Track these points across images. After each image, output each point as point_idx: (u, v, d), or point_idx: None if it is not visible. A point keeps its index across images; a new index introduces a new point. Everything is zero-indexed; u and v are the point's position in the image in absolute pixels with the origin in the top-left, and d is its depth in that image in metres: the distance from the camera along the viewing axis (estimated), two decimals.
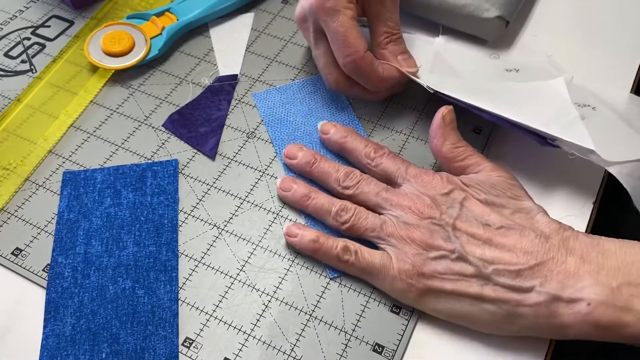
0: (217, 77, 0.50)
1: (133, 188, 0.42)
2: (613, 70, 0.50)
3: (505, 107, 0.41)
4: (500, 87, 0.46)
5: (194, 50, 0.52)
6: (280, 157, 0.44)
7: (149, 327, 0.36)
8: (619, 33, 0.53)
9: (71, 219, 0.41)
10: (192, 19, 0.52)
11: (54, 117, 0.47)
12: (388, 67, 0.45)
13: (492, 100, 0.42)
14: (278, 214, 0.42)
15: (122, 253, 0.39)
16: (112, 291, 0.38)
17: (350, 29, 0.42)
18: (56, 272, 0.38)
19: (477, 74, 0.48)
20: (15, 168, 0.44)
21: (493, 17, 0.49)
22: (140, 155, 0.45)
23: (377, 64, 0.44)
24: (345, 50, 0.42)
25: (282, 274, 0.39)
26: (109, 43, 0.50)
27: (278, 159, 0.44)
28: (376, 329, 0.36)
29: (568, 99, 0.43)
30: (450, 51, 0.50)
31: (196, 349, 0.36)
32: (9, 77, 0.50)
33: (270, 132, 0.46)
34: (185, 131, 0.46)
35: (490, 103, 0.42)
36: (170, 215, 0.41)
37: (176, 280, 0.38)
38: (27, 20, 0.55)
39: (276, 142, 0.45)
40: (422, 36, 0.51)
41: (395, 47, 0.46)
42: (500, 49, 0.51)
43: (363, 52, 0.42)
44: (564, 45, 0.52)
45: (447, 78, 0.47)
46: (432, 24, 0.52)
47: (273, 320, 0.37)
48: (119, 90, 0.49)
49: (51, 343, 0.36)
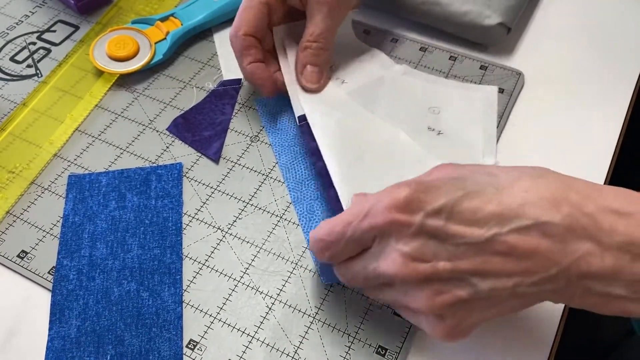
0: (220, 81, 0.50)
1: (138, 191, 0.43)
2: (615, 74, 0.50)
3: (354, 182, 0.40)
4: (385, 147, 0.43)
5: (198, 55, 0.52)
6: (280, 164, 0.44)
7: (153, 329, 0.36)
8: (620, 37, 0.53)
9: (76, 222, 0.41)
10: (196, 23, 0.53)
11: (60, 121, 0.47)
12: (262, 66, 0.45)
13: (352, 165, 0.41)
14: (281, 217, 0.42)
15: (127, 256, 0.39)
16: (117, 293, 0.38)
17: (251, 8, 0.44)
18: (61, 274, 0.39)
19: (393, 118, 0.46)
20: (21, 171, 0.44)
21: (494, 24, 0.49)
22: (145, 158, 0.45)
23: (249, 54, 0.44)
24: (233, 23, 0.44)
25: (286, 276, 0.39)
26: (114, 48, 0.50)
27: (279, 165, 0.45)
28: (379, 331, 0.36)
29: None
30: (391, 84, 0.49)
31: (200, 351, 0.36)
32: (15, 81, 0.51)
33: (270, 138, 0.46)
34: (189, 135, 0.46)
35: (344, 168, 0.41)
36: (175, 218, 0.41)
37: (180, 283, 0.38)
38: (32, 25, 0.55)
39: (276, 148, 0.45)
40: (379, 62, 0.50)
41: (309, 56, 0.45)
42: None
43: (240, 33, 0.43)
44: (565, 51, 0.52)
45: (330, 119, 0.44)
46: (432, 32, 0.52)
47: (276, 323, 0.37)
48: (123, 94, 0.50)
49: (57, 345, 0.36)
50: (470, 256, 0.28)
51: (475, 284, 0.29)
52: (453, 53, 0.52)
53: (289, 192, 0.43)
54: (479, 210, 0.28)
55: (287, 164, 0.45)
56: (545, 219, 0.27)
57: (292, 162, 0.45)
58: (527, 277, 0.28)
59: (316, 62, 0.45)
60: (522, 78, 0.50)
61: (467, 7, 0.50)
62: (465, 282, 0.29)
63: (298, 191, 0.43)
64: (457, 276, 0.29)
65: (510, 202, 0.28)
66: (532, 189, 0.29)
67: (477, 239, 0.28)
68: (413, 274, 0.29)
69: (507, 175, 0.30)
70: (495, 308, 0.29)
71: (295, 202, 0.43)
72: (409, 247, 0.29)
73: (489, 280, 0.28)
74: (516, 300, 0.29)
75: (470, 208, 0.29)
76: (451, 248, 0.29)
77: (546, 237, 0.28)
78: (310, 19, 0.45)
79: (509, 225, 0.28)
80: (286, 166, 0.45)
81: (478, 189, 0.29)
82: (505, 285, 0.28)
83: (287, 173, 0.44)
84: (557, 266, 0.28)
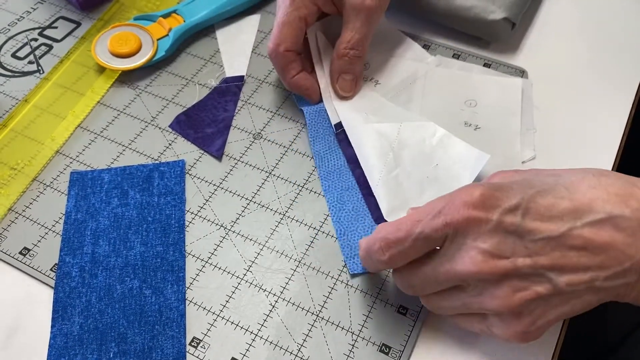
0: (223, 78, 0.50)
1: (140, 188, 0.42)
2: (619, 72, 0.50)
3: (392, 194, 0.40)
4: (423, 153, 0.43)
5: (200, 52, 0.52)
6: (320, 173, 0.43)
7: (156, 326, 0.36)
8: (624, 34, 0.53)
9: (79, 219, 0.41)
10: (198, 20, 0.52)
11: (61, 118, 0.47)
12: (304, 76, 0.46)
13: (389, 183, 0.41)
14: (285, 214, 0.42)
15: (130, 253, 0.39)
16: (120, 291, 0.38)
17: (289, 23, 0.43)
18: (64, 271, 0.39)
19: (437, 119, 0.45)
20: (23, 168, 0.44)
21: (499, 19, 0.49)
22: (147, 155, 0.45)
23: (292, 68, 0.45)
24: (271, 39, 0.44)
25: (289, 274, 0.39)
26: (116, 44, 0.50)
27: (317, 174, 0.43)
28: (383, 329, 0.36)
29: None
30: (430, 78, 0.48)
31: (203, 349, 0.36)
32: (17, 77, 0.50)
33: (313, 146, 0.45)
34: (192, 132, 0.46)
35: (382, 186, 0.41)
36: (178, 215, 0.41)
37: (183, 280, 0.38)
38: (34, 21, 0.55)
39: (311, 134, 0.45)
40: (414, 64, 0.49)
41: (346, 64, 0.45)
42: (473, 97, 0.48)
43: (281, 49, 0.44)
44: (568, 48, 0.52)
45: (366, 125, 0.44)
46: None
47: (280, 321, 0.37)
48: (126, 91, 0.49)
49: (59, 342, 0.36)
50: (548, 251, 0.29)
51: (553, 279, 0.29)
52: (456, 50, 0.51)
53: (320, 181, 0.43)
54: (553, 207, 0.29)
55: (320, 153, 0.44)
56: (617, 213, 0.28)
57: (326, 151, 0.44)
58: (602, 271, 0.28)
59: (352, 71, 0.46)
60: (526, 76, 0.49)
61: (471, 1, 0.50)
62: (544, 278, 0.29)
63: (329, 180, 0.43)
64: (536, 272, 0.29)
65: (581, 198, 0.29)
66: (598, 186, 0.29)
67: (553, 234, 0.29)
68: (494, 271, 0.29)
69: (571, 175, 0.31)
70: (570, 304, 0.30)
71: (326, 191, 0.43)
72: (488, 244, 0.29)
73: (567, 275, 0.29)
74: (592, 295, 0.29)
75: (545, 204, 0.29)
76: (529, 244, 0.29)
77: (619, 230, 0.28)
78: (347, 25, 0.44)
79: (583, 219, 0.28)
80: (319, 154, 0.44)
81: (548, 187, 0.30)
82: (581, 280, 0.28)
83: (320, 161, 0.44)
84: (630, 260, 0.28)
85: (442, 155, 0.42)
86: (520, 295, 0.29)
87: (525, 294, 0.29)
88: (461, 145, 0.42)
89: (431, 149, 0.42)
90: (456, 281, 0.31)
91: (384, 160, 0.42)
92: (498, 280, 0.29)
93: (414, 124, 0.44)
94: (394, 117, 0.45)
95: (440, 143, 0.43)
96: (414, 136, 0.43)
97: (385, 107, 0.46)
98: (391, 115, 0.45)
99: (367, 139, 0.43)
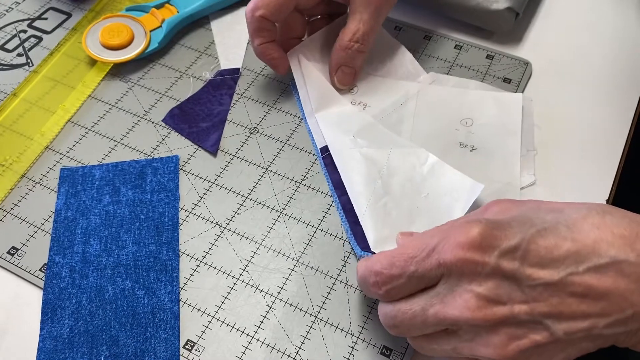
0: (218, 70, 0.49)
1: (132, 185, 0.41)
2: (625, 64, 0.48)
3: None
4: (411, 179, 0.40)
5: (194, 43, 0.51)
6: (332, 192, 0.41)
7: (149, 329, 0.35)
8: (631, 27, 0.51)
9: (69, 217, 0.40)
10: (192, 11, 0.51)
11: (51, 112, 0.46)
12: (273, 46, 0.44)
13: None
14: (282, 212, 0.40)
15: (122, 252, 0.38)
16: (111, 292, 0.37)
17: None
18: (53, 272, 0.37)
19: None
20: (11, 164, 0.43)
21: (502, 8, 0.48)
22: (140, 151, 0.44)
23: (262, 35, 0.43)
24: (252, 0, 0.43)
25: (287, 274, 0.38)
26: (108, 36, 0.48)
27: (329, 187, 0.43)
28: (384, 331, 0.35)
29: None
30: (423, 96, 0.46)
31: (198, 352, 0.35)
32: (5, 70, 0.49)
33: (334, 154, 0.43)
34: (186, 126, 0.45)
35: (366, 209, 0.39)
36: (171, 213, 0.40)
37: (177, 281, 0.37)
38: (23, 12, 0.53)
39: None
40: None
41: (347, 57, 0.44)
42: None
43: (257, 14, 0.42)
44: (573, 39, 0.51)
45: (353, 149, 0.41)
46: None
47: (277, 322, 0.36)
48: (117, 84, 0.48)
49: (48, 345, 0.35)
50: (547, 298, 0.27)
51: (550, 327, 0.27)
52: (458, 42, 0.50)
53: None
54: (554, 249, 0.27)
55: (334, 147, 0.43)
56: (622, 258, 0.26)
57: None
58: (602, 319, 0.27)
59: (353, 64, 0.44)
60: (530, 68, 0.48)
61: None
62: (541, 325, 0.27)
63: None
64: (533, 319, 0.27)
65: (584, 239, 0.27)
66: (602, 226, 0.27)
67: (553, 279, 0.27)
68: (489, 317, 0.27)
69: (574, 211, 0.29)
70: (566, 352, 0.28)
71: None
72: (484, 287, 0.27)
73: (565, 322, 0.27)
74: (589, 342, 0.28)
75: (545, 246, 0.27)
76: (527, 289, 0.27)
77: (623, 276, 0.26)
78: (354, 15, 0.43)
79: (585, 264, 0.27)
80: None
81: (549, 226, 0.28)
82: (580, 327, 0.27)
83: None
84: (632, 307, 0.26)
85: (434, 184, 0.39)
86: (516, 344, 0.28)
87: (521, 343, 0.28)
88: (454, 174, 0.39)
89: (422, 177, 0.40)
90: (447, 325, 0.29)
91: (372, 188, 0.39)
92: (493, 327, 0.28)
93: (404, 150, 0.41)
94: (384, 141, 0.42)
95: (431, 171, 0.40)
96: (404, 163, 0.41)
97: (375, 129, 0.43)
98: (381, 139, 0.42)
99: (355, 164, 0.41)
